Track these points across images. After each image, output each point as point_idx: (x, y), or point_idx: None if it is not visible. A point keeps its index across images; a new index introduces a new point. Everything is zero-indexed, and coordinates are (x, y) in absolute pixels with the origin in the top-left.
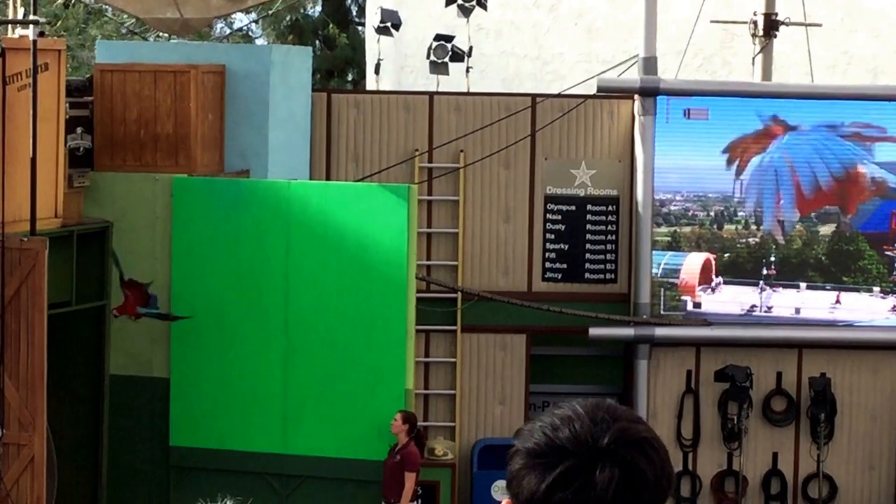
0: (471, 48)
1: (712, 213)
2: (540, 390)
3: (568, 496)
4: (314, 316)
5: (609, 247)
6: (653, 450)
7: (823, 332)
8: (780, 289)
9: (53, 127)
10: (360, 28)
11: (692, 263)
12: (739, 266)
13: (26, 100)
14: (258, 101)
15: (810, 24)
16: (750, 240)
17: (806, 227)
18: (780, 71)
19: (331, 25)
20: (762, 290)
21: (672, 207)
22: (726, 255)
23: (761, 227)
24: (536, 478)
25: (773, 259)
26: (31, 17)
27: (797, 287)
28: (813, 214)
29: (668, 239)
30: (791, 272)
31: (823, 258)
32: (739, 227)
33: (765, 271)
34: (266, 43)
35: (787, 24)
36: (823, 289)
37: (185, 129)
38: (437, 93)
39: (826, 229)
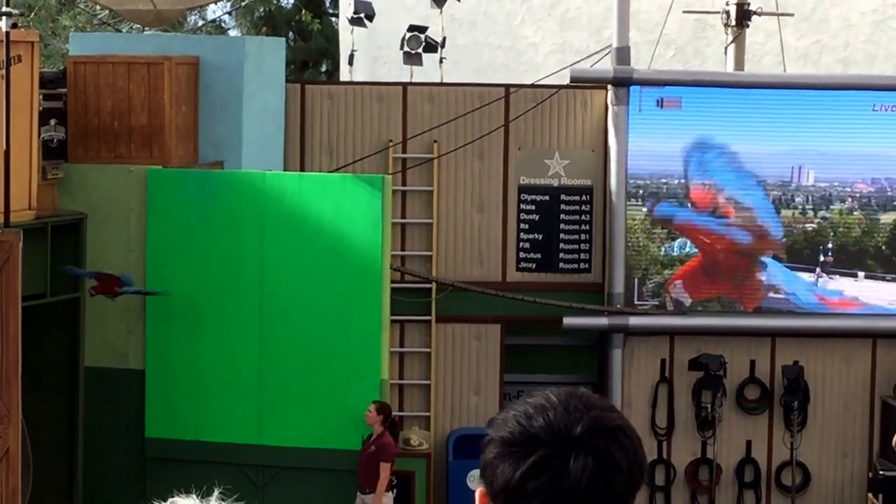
0: (444, 39)
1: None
2: (515, 380)
3: (542, 485)
4: (289, 307)
5: (583, 236)
6: (626, 438)
7: (796, 321)
8: (838, 276)
9: (27, 119)
10: (333, 19)
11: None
12: (797, 252)
13: None
14: (232, 93)
15: (782, 14)
16: (807, 226)
17: (865, 214)
18: (753, 61)
19: (303, 12)
20: (818, 277)
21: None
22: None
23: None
24: (510, 467)
25: (830, 247)
26: (4, 8)
27: (855, 276)
28: (874, 202)
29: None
30: (848, 261)
31: (884, 247)
32: (796, 212)
33: (822, 258)
34: (239, 34)
35: (759, 14)
36: (883, 279)
37: (159, 120)
38: (411, 83)
39: (888, 217)
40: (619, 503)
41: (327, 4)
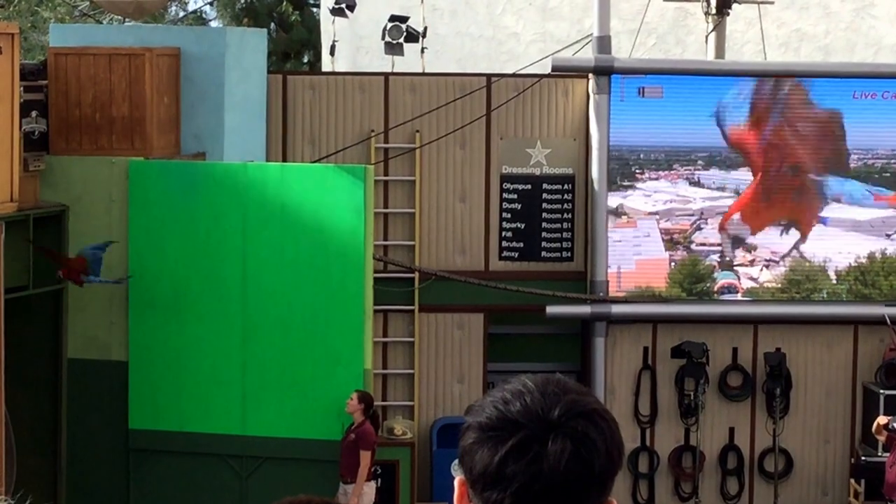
0: (426, 29)
1: None
2: (498, 369)
3: (520, 468)
4: (272, 297)
5: (565, 225)
6: (603, 421)
7: (778, 308)
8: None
9: (8, 111)
10: (315, 10)
11: None
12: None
13: None
14: (213, 84)
15: (762, 2)
16: None
17: None
18: (734, 49)
19: (284, 3)
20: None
21: None
22: None
23: None
24: (489, 451)
25: None
26: None
27: None
28: None
29: None
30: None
31: None
32: None
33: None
34: (221, 25)
35: (739, 3)
36: None
37: (141, 112)
38: (393, 74)
39: None
40: (598, 485)
41: None
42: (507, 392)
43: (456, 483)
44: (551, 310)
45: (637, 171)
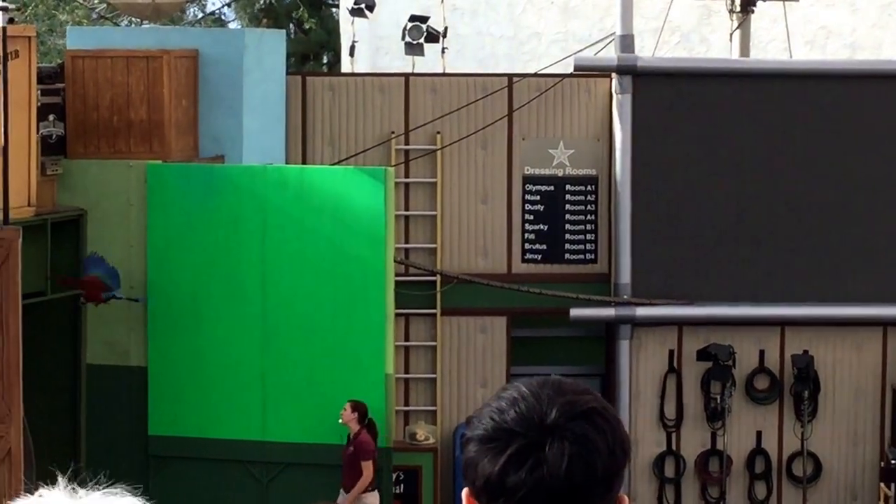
0: (446, 29)
1: None
2: (521, 372)
3: (522, 477)
4: (292, 302)
5: (589, 227)
6: (602, 419)
7: (806, 310)
8: None
9: (25, 114)
10: (334, 10)
11: None
12: None
13: None
14: (232, 86)
15: None
16: None
17: None
18: (758, 47)
19: (301, 9)
20: None
21: None
22: None
23: None
24: (489, 462)
25: None
26: (0, 3)
27: None
28: None
29: None
30: None
31: None
32: None
33: None
34: (239, 27)
35: (764, 0)
36: None
37: (159, 114)
38: (413, 74)
39: None
40: (603, 485)
41: None
42: (502, 401)
43: (463, 495)
44: (575, 312)
45: None
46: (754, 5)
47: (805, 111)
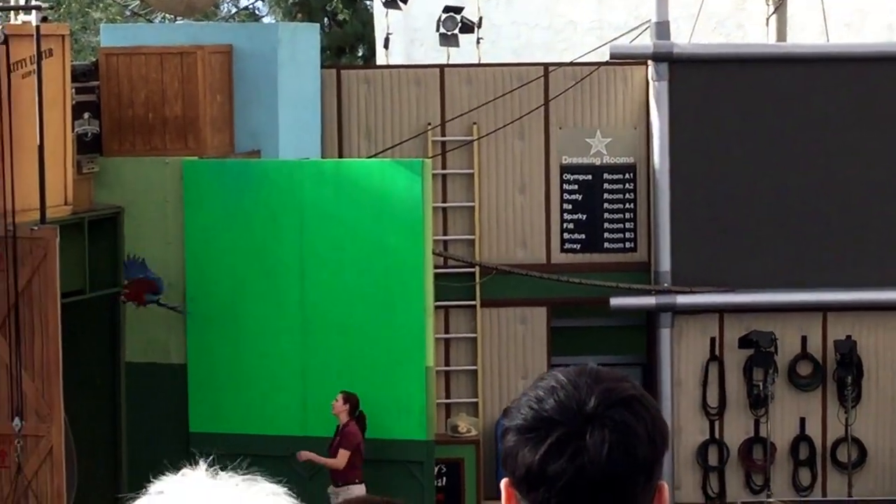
0: (480, 19)
1: None
2: (562, 362)
3: (562, 466)
4: (331, 296)
5: (627, 215)
6: (641, 406)
7: (848, 295)
8: None
9: (60, 113)
10: (368, 2)
11: None
12: None
13: (31, 86)
14: (267, 80)
15: None
16: None
17: None
18: (795, 31)
19: (335, 2)
20: None
21: None
22: None
23: None
24: (529, 452)
25: None
26: (34, 2)
27: None
28: None
29: None
30: None
31: None
32: None
33: None
34: (273, 21)
35: None
36: None
37: (194, 110)
38: (448, 65)
39: None
40: (644, 472)
41: None
42: (540, 390)
43: (502, 486)
44: (615, 301)
45: None
46: None
47: (843, 94)
